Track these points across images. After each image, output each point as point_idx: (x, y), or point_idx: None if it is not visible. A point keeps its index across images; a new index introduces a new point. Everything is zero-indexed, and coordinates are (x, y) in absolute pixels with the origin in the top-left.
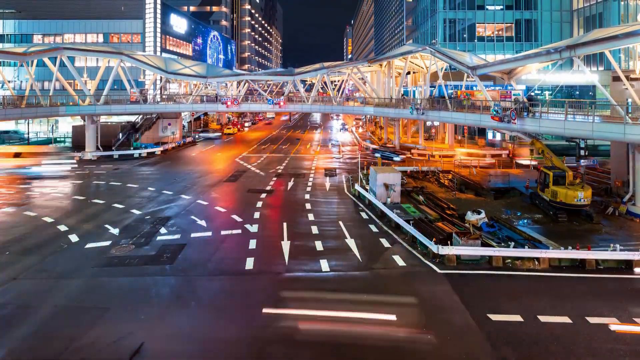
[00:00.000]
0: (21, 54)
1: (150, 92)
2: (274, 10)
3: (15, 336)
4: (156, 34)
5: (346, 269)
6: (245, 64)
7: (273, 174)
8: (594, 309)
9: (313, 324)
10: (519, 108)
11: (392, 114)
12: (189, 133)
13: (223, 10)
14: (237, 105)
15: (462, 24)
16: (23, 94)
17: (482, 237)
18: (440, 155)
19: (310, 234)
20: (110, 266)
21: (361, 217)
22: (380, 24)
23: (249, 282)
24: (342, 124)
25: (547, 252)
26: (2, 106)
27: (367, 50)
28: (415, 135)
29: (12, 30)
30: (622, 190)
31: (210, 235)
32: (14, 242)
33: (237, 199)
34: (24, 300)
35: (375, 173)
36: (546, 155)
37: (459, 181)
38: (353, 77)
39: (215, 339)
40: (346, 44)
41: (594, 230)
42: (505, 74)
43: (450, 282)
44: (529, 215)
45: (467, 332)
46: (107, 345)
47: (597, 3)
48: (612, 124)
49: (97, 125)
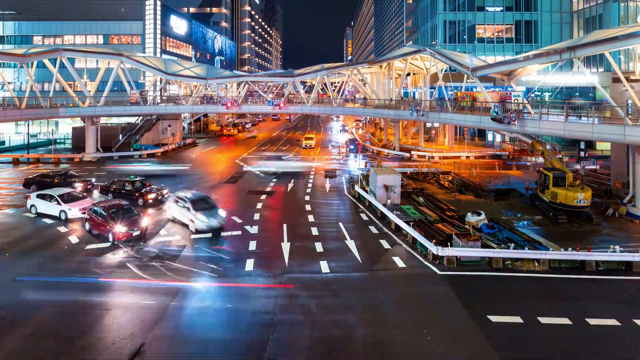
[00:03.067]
0: (21, 56)
1: (150, 94)
2: (274, 12)
3: (15, 337)
4: (156, 36)
5: (346, 270)
6: (245, 66)
7: (273, 175)
8: (594, 311)
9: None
10: (517, 110)
11: (392, 115)
12: (189, 134)
13: (223, 11)
14: (237, 107)
15: (462, 25)
16: (23, 95)
17: (482, 238)
18: (441, 156)
19: (310, 235)
20: (110, 267)
21: (361, 218)
22: (380, 25)
23: (249, 283)
24: (342, 126)
25: (547, 253)
26: (2, 107)
27: (367, 52)
28: (415, 136)
29: (12, 32)
30: (622, 191)
31: (210, 236)
32: (14, 244)
33: (237, 200)
34: (24, 301)
35: (375, 174)
36: (546, 156)
37: (459, 183)
38: (353, 78)
39: (215, 341)
40: (346, 45)
41: (594, 232)
42: (505, 75)
43: (450, 284)
44: (528, 217)
45: (467, 334)
46: (108, 346)
47: (597, 4)
48: (611, 126)
49: (97, 127)
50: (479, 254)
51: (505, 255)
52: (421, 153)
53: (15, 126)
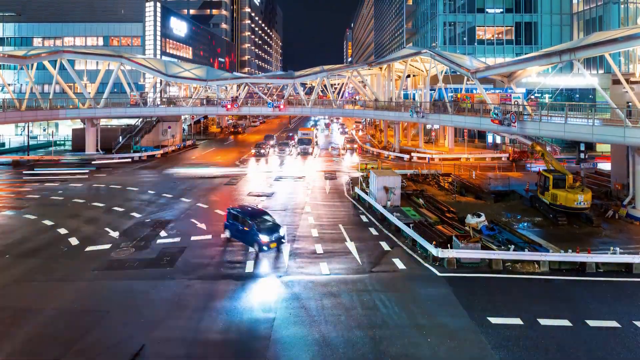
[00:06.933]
0: (21, 57)
1: (150, 95)
2: (274, 14)
3: (15, 339)
4: (156, 37)
5: (346, 272)
6: (245, 67)
7: (273, 176)
8: (594, 312)
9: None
10: (517, 112)
11: (392, 116)
12: (189, 136)
13: (223, 13)
14: (237, 108)
15: (462, 27)
16: (23, 97)
17: (482, 240)
18: (441, 158)
19: (310, 237)
20: (111, 269)
21: (361, 220)
22: (380, 27)
23: (249, 284)
24: (342, 127)
25: (547, 255)
26: (2, 109)
27: (367, 54)
28: (415, 138)
29: (12, 34)
30: (622, 193)
31: (210, 238)
32: (14, 246)
33: (237, 202)
34: (24, 303)
35: (375, 176)
36: (546, 158)
37: (459, 184)
38: (353, 80)
39: (215, 342)
40: (346, 47)
41: (594, 233)
42: (505, 77)
43: (450, 285)
44: (529, 219)
45: (467, 335)
46: (108, 348)
47: (597, 6)
48: (612, 127)
49: (97, 129)
50: (479, 255)
51: (505, 257)
52: (421, 155)
53: (15, 128)
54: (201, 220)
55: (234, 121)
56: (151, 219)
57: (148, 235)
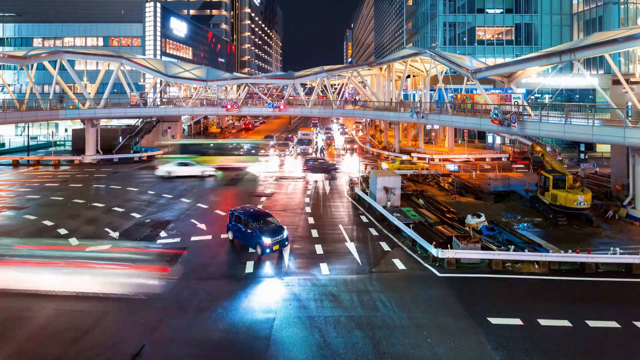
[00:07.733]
0: (21, 58)
1: (150, 96)
2: (274, 14)
3: (15, 339)
4: (156, 38)
5: (346, 273)
6: (245, 68)
7: (273, 177)
8: (594, 313)
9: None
10: (517, 112)
11: (392, 117)
12: (189, 136)
13: (223, 13)
14: (237, 109)
15: (462, 28)
16: (23, 97)
17: (482, 240)
18: (441, 158)
19: (310, 237)
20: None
21: (361, 220)
22: (380, 27)
23: (249, 284)
24: (342, 127)
25: (547, 255)
26: (2, 109)
27: (367, 54)
28: (415, 138)
29: (12, 34)
30: (622, 193)
31: (210, 238)
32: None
33: (237, 203)
34: (24, 303)
35: (375, 177)
36: (546, 158)
37: (459, 185)
38: (353, 80)
39: (215, 342)
40: (346, 47)
41: (594, 234)
42: (505, 78)
43: (450, 286)
44: (528, 219)
45: (466, 336)
46: (108, 348)
47: (597, 7)
48: (612, 128)
49: (97, 129)
50: (478, 256)
51: (505, 257)
52: (421, 155)
53: (15, 128)
54: (201, 220)
55: (234, 122)
56: (151, 219)
57: (148, 236)
